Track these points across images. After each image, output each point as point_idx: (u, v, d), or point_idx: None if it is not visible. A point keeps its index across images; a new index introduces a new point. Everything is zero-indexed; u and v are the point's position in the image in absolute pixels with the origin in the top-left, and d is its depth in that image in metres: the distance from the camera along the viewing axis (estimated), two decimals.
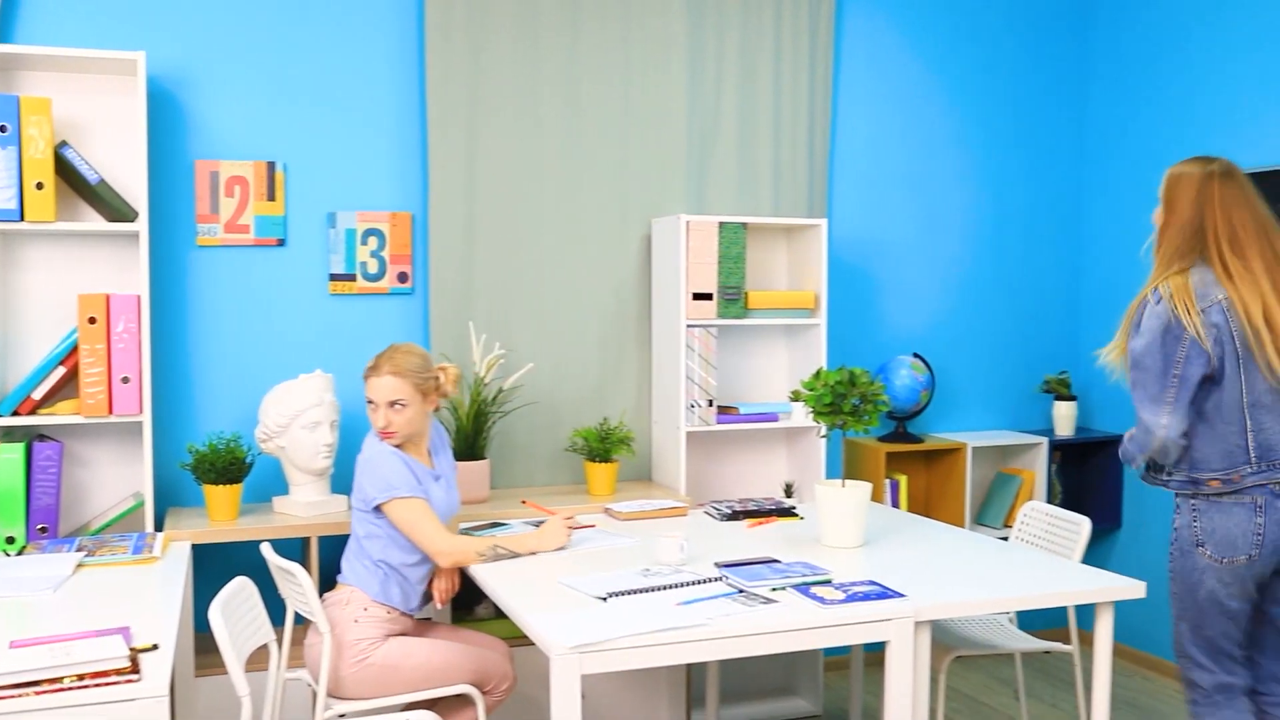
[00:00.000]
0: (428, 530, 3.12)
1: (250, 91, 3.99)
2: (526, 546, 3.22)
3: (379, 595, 3.15)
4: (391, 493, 3.11)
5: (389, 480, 3.13)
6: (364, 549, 3.17)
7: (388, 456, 3.17)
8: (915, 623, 2.73)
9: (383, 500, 3.11)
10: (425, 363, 3.27)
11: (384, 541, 3.16)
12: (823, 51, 4.69)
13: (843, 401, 3.31)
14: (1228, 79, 4.53)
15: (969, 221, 5.04)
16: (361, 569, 3.17)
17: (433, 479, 3.28)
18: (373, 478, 3.14)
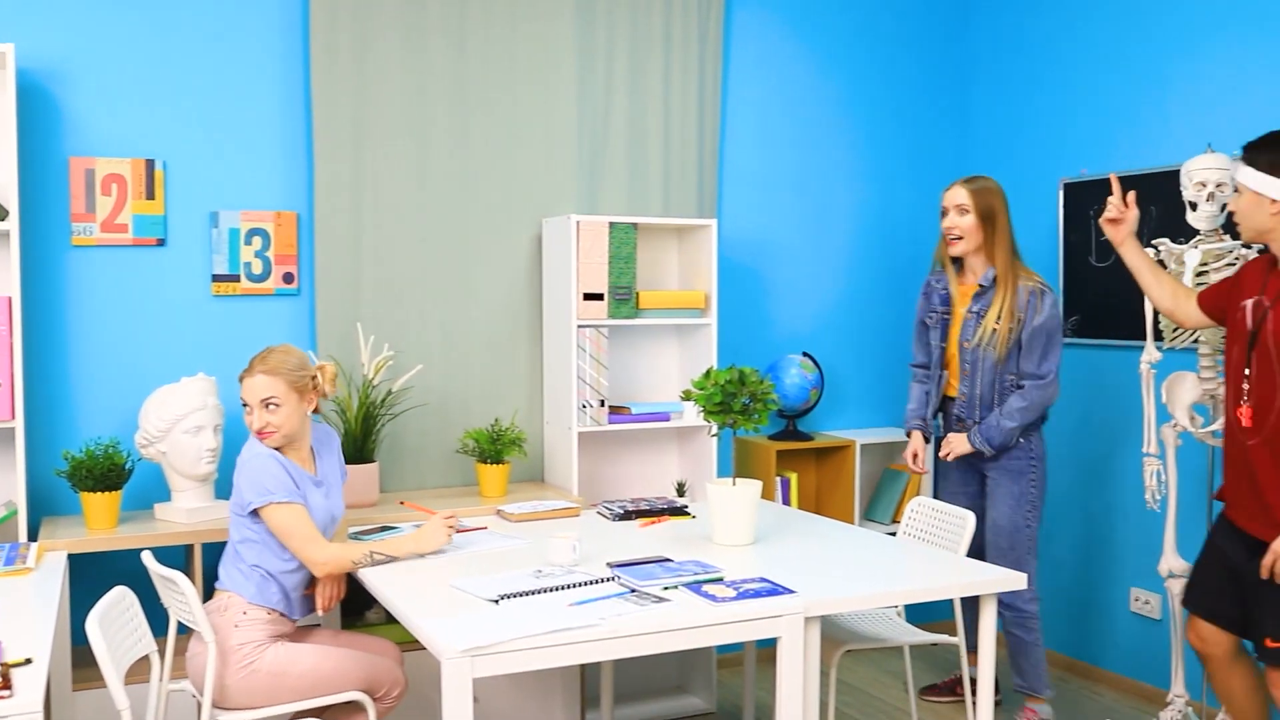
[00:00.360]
0: (303, 538, 3.05)
1: (128, 86, 3.88)
2: (405, 550, 3.18)
3: (256, 598, 3.07)
4: (268, 497, 3.04)
5: (265, 485, 3.05)
6: (239, 554, 3.10)
7: (265, 460, 3.09)
8: (805, 618, 2.76)
9: (259, 505, 3.04)
10: (301, 362, 3.20)
11: (260, 546, 3.09)
12: (712, 52, 4.72)
13: (733, 400, 3.34)
14: (1098, 85, 4.66)
15: (856, 222, 5.12)
16: (237, 573, 3.09)
17: (313, 485, 3.21)
18: (249, 482, 3.07)
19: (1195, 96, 4.27)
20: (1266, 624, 3.05)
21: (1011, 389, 4.01)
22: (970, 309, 4.05)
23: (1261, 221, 3.05)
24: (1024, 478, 4.04)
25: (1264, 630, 3.05)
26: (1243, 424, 3.09)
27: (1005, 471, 4.06)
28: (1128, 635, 4.60)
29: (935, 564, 3.18)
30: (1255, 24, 4.06)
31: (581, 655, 2.55)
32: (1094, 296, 4.65)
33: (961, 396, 4.10)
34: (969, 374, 4.06)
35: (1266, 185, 3.01)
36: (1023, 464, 4.04)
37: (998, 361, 3.99)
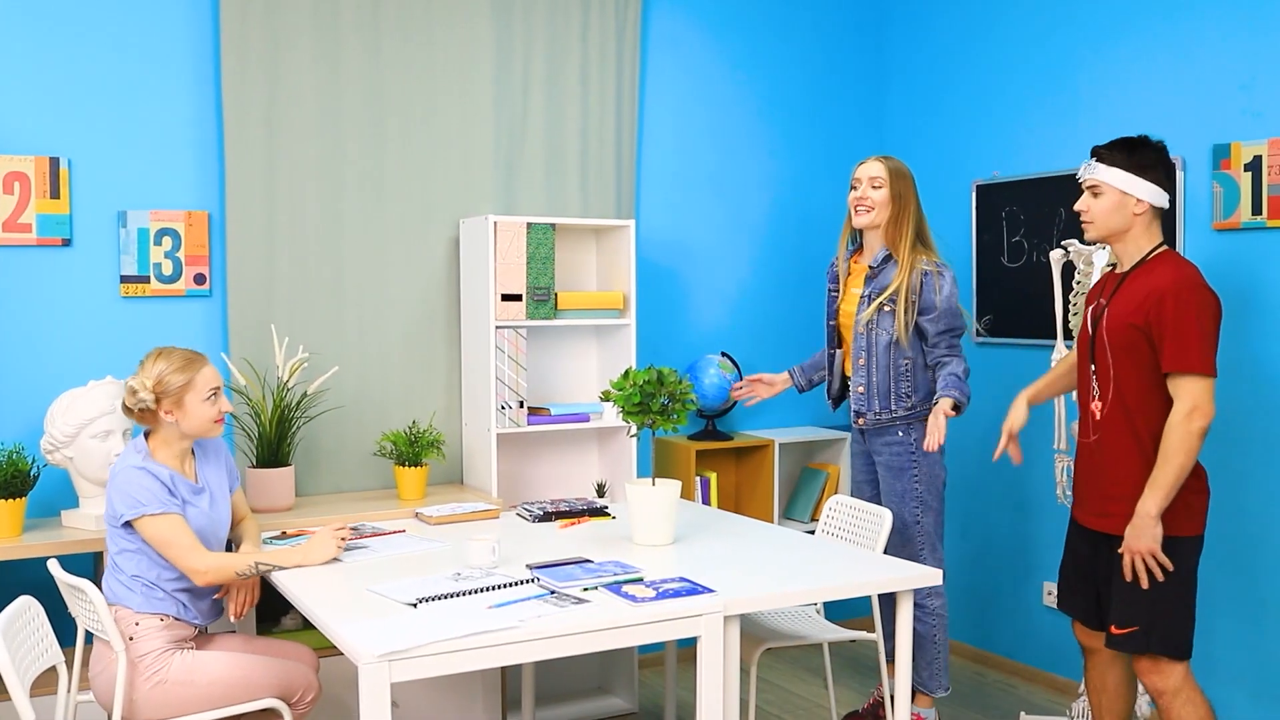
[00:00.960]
0: (182, 548, 2.97)
1: (30, 82, 3.78)
2: (291, 560, 3.12)
3: (144, 607, 2.99)
4: (140, 510, 2.95)
5: (136, 497, 2.96)
6: (118, 565, 3.01)
7: (135, 472, 3.00)
8: (725, 617, 2.77)
9: (132, 517, 2.96)
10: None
11: (138, 556, 3.00)
12: (629, 53, 4.72)
13: (651, 401, 3.34)
14: (1010, 89, 4.75)
15: (773, 222, 5.16)
16: (120, 586, 3.00)
17: (193, 492, 3.11)
18: (120, 494, 2.98)
19: (1103, 100, 4.36)
20: (1112, 613, 3.16)
21: (906, 374, 3.93)
22: (864, 290, 3.98)
23: (1120, 221, 3.17)
24: (905, 474, 3.97)
25: (1110, 619, 3.16)
26: (1096, 418, 3.21)
27: (887, 468, 4.01)
28: (1040, 628, 4.69)
29: (853, 562, 3.22)
30: (1161, 29, 4.16)
31: (501, 658, 2.54)
32: (1005, 296, 4.73)
33: (859, 389, 4.00)
34: (864, 364, 3.97)
35: (1133, 185, 3.12)
36: (903, 459, 3.97)
37: (892, 345, 3.91)
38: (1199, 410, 3.00)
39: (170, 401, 3.04)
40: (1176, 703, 3.12)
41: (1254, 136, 3.82)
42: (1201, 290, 3.05)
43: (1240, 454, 3.90)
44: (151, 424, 3.09)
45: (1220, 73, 3.96)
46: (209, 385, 3.09)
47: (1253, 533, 3.89)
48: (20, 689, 2.47)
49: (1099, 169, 3.17)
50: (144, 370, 3.05)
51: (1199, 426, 3.00)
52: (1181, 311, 3.01)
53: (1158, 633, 3.09)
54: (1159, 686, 3.13)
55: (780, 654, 5.03)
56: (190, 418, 3.06)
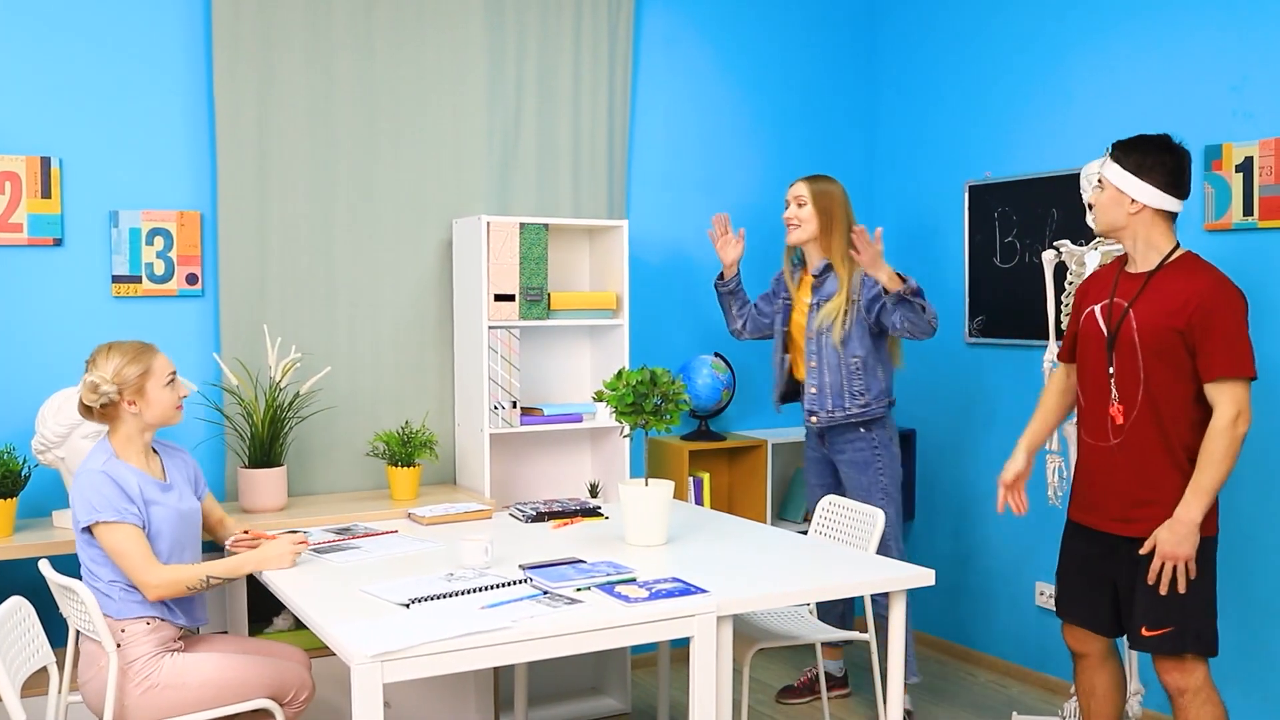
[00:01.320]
0: (133, 561, 2.92)
1: (21, 81, 3.77)
2: (244, 570, 3.08)
3: (126, 612, 2.95)
4: (94, 516, 2.91)
5: (93, 503, 2.91)
6: (94, 573, 2.97)
7: (96, 476, 2.94)
8: (718, 617, 2.77)
9: (88, 523, 2.91)
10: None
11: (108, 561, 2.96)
12: (621, 54, 4.72)
13: (645, 401, 3.34)
14: (1001, 90, 4.75)
15: (766, 223, 5.15)
16: (99, 594, 2.95)
17: (160, 489, 3.05)
18: (79, 498, 2.93)
19: (1095, 101, 4.37)
20: (1139, 615, 3.13)
21: (857, 373, 4.10)
22: (812, 300, 4.20)
23: (1118, 218, 3.17)
24: (870, 468, 4.16)
25: (1138, 621, 3.13)
26: (1117, 422, 3.17)
27: (852, 464, 4.19)
28: (1032, 628, 4.69)
29: (845, 562, 3.22)
30: (1152, 30, 4.17)
31: (494, 658, 2.53)
32: (998, 297, 4.73)
33: (811, 390, 4.19)
34: (815, 366, 4.16)
35: (1129, 184, 3.12)
36: (867, 454, 4.16)
37: (838, 345, 4.10)
38: (1243, 416, 3.00)
39: (132, 392, 3.01)
40: (1196, 702, 3.11)
41: (1245, 138, 3.83)
42: (1236, 293, 3.06)
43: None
44: (111, 420, 3.04)
45: (1211, 74, 3.97)
46: (166, 370, 3.07)
47: (1249, 533, 3.89)
48: (11, 690, 2.47)
49: (1107, 163, 3.19)
50: (99, 366, 3.00)
51: (1244, 432, 3.00)
52: (1225, 317, 3.01)
53: (1191, 632, 3.08)
54: (1181, 685, 3.12)
55: (773, 654, 5.04)
56: (153, 405, 3.04)
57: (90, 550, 2.97)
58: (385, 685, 2.40)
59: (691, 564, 3.14)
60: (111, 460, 3.00)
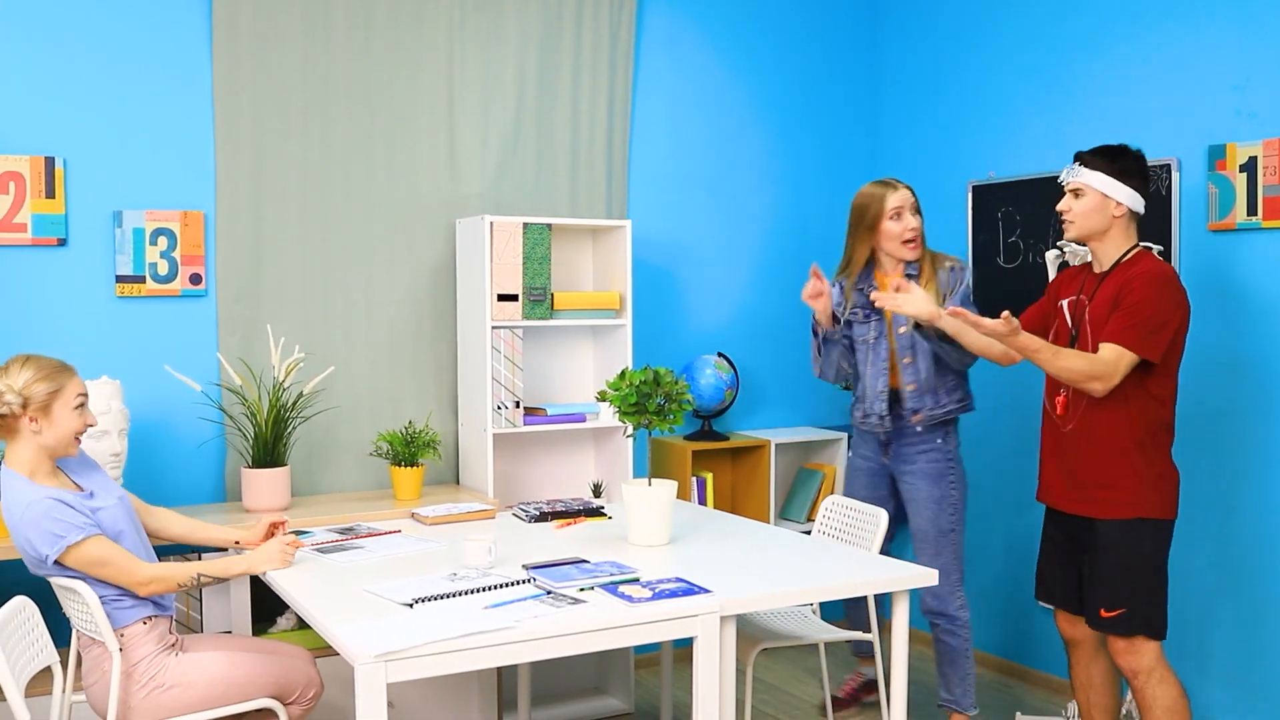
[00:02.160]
0: (119, 565, 2.86)
1: (25, 81, 3.78)
2: (236, 570, 3.05)
3: (121, 620, 2.91)
4: (61, 542, 2.78)
5: (51, 531, 2.78)
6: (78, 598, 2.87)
7: (42, 503, 2.80)
8: (721, 617, 2.77)
9: (56, 555, 2.81)
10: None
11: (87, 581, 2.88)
12: (623, 53, 4.72)
13: (648, 401, 3.34)
14: (1004, 90, 4.75)
15: (769, 222, 5.16)
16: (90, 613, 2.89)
17: (88, 498, 2.97)
18: (38, 532, 2.79)
19: (1099, 101, 4.37)
20: (1099, 596, 3.28)
21: (947, 370, 3.95)
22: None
23: (1099, 223, 3.30)
24: (944, 480, 3.97)
25: (1097, 602, 3.28)
26: (1057, 411, 3.38)
27: (923, 475, 3.99)
28: (1036, 628, 4.68)
29: (849, 562, 3.22)
30: (1156, 30, 4.16)
31: (497, 658, 2.53)
32: (1002, 296, 4.72)
33: (910, 387, 3.95)
34: (912, 361, 3.95)
35: (1114, 189, 3.26)
36: (941, 465, 3.98)
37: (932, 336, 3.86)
38: (1103, 378, 3.14)
39: (36, 408, 2.85)
40: (1151, 681, 3.26)
41: (1249, 138, 3.83)
42: (1171, 287, 3.19)
43: (1236, 454, 3.90)
44: (8, 436, 2.88)
45: (1215, 74, 3.96)
46: (76, 392, 2.91)
47: (1249, 532, 3.89)
48: (15, 689, 2.47)
49: (1083, 172, 3.30)
50: (9, 375, 2.84)
51: (1089, 385, 3.16)
52: (1143, 297, 3.16)
53: (1142, 614, 3.23)
54: (1135, 666, 3.26)
55: (776, 654, 5.03)
56: (55, 427, 2.88)
57: (62, 580, 2.87)
58: (389, 685, 2.40)
59: (694, 564, 3.14)
60: (33, 485, 2.85)
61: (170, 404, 3.97)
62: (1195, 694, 4.05)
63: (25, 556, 2.87)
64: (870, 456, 4.16)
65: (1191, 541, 4.02)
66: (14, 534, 2.85)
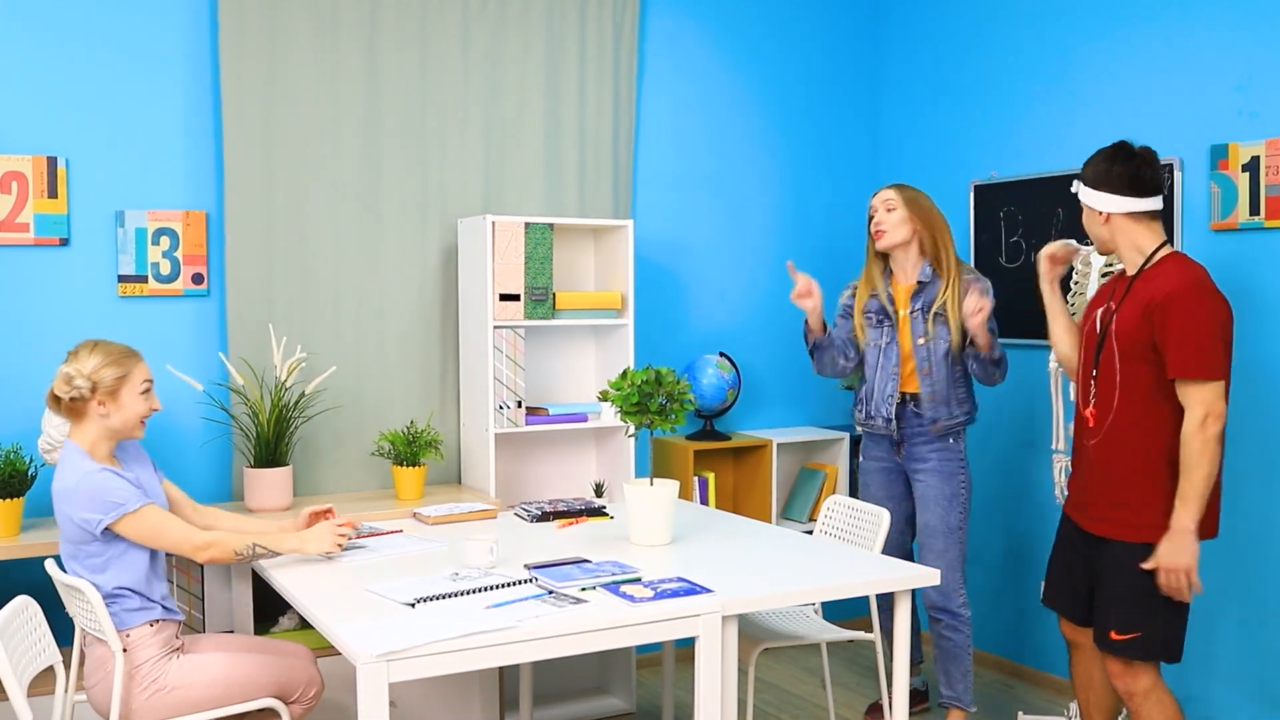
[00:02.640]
0: (177, 532, 2.93)
1: (27, 81, 3.78)
2: (288, 547, 3.11)
3: (127, 621, 2.93)
4: (119, 510, 2.85)
5: (110, 499, 2.87)
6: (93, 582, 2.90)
7: (99, 474, 2.88)
8: (723, 617, 2.77)
9: (113, 520, 2.86)
10: None
11: (114, 568, 2.92)
12: (627, 54, 4.72)
13: (650, 401, 3.34)
14: (1006, 89, 4.75)
15: (771, 222, 5.16)
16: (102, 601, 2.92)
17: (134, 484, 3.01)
18: (92, 501, 2.86)
19: (1101, 101, 4.36)
20: (1111, 617, 3.15)
21: (962, 380, 4.01)
22: (913, 308, 4.01)
23: (1098, 233, 3.24)
24: (955, 479, 4.03)
25: (1109, 624, 3.15)
26: (1089, 424, 3.23)
27: (937, 473, 4.03)
28: (1038, 628, 4.68)
29: (851, 562, 3.22)
30: (1158, 29, 4.16)
31: (499, 658, 2.53)
32: (1004, 296, 4.71)
33: (928, 396, 3.98)
34: (929, 371, 3.98)
35: (1092, 198, 3.20)
36: (954, 465, 4.03)
37: (949, 351, 3.96)
38: (1212, 416, 2.98)
39: (105, 393, 2.94)
40: (1148, 703, 3.15)
41: (1251, 137, 3.82)
42: (1209, 294, 3.04)
43: (1239, 454, 3.90)
44: (76, 418, 2.97)
45: (1217, 73, 3.96)
46: (144, 378, 3.01)
47: (1252, 533, 3.89)
48: (18, 689, 2.47)
49: (1078, 185, 3.26)
50: (79, 359, 2.94)
51: (1214, 432, 2.98)
52: (1186, 316, 3.00)
53: (1159, 640, 3.10)
54: (1131, 688, 3.16)
55: (778, 654, 5.03)
56: (123, 411, 2.96)
57: (94, 560, 2.91)
58: (391, 685, 2.40)
59: (696, 564, 3.14)
60: (90, 460, 2.93)
61: (172, 404, 3.97)
62: (1200, 695, 4.05)
63: (68, 532, 2.91)
64: (883, 457, 4.17)
65: None
66: (64, 503, 2.89)
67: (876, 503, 4.14)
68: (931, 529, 4.04)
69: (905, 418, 4.05)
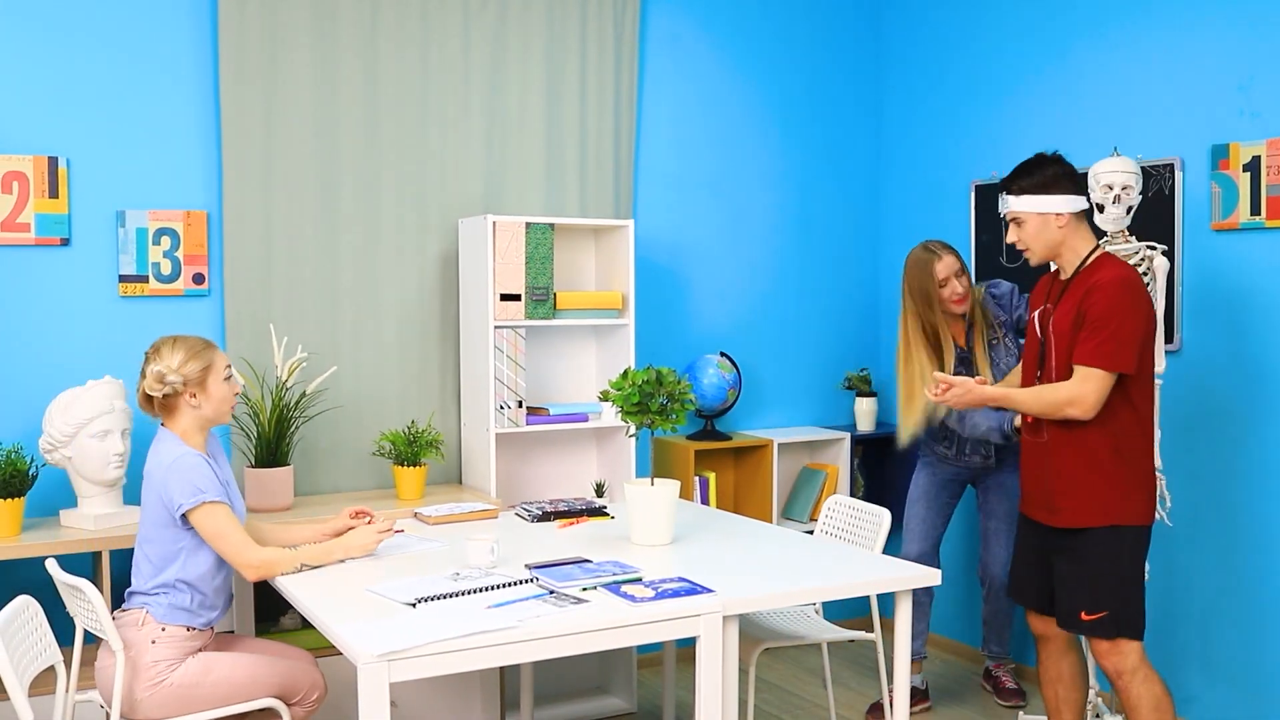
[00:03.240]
0: (235, 540, 2.98)
1: (29, 81, 3.78)
2: (333, 558, 3.13)
3: (172, 618, 2.98)
4: (200, 497, 2.95)
5: (197, 484, 2.96)
6: (157, 567, 2.99)
7: (188, 457, 3.00)
8: (723, 617, 2.77)
9: (191, 506, 2.94)
10: None
11: (183, 558, 3.00)
12: (628, 53, 4.72)
13: (650, 401, 3.34)
14: (1008, 89, 4.75)
15: (772, 222, 5.16)
16: (150, 593, 2.99)
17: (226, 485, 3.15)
18: (182, 481, 2.95)
19: (1102, 101, 4.36)
20: (1077, 600, 3.27)
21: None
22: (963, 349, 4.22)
23: (1051, 237, 3.28)
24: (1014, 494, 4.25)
25: (1076, 606, 3.27)
26: (1028, 421, 3.38)
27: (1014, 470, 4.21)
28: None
29: (852, 562, 3.22)
30: (1159, 29, 4.16)
31: (500, 658, 2.54)
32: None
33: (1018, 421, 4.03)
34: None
35: (1047, 203, 3.24)
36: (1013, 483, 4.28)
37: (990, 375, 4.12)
38: (1079, 404, 3.14)
39: (195, 385, 3.06)
40: (1135, 681, 3.25)
41: (1252, 137, 3.82)
42: (1130, 290, 3.15)
43: (1238, 454, 3.90)
44: (169, 413, 3.08)
45: (1219, 73, 3.96)
46: (225, 364, 3.15)
47: (1249, 534, 3.89)
48: (19, 689, 2.47)
49: (1011, 200, 3.30)
50: (163, 358, 3.06)
51: (1067, 413, 3.16)
52: (1107, 307, 3.12)
53: (1124, 617, 3.23)
54: (1119, 667, 3.26)
55: (779, 653, 5.03)
56: (212, 399, 3.09)
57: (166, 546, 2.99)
58: (392, 685, 2.40)
59: (697, 563, 3.14)
60: (190, 448, 3.05)
61: None
62: (1197, 694, 4.05)
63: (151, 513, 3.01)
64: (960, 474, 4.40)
65: (1193, 541, 4.02)
66: (155, 480, 3.00)
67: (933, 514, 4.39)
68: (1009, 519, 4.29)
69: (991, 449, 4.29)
